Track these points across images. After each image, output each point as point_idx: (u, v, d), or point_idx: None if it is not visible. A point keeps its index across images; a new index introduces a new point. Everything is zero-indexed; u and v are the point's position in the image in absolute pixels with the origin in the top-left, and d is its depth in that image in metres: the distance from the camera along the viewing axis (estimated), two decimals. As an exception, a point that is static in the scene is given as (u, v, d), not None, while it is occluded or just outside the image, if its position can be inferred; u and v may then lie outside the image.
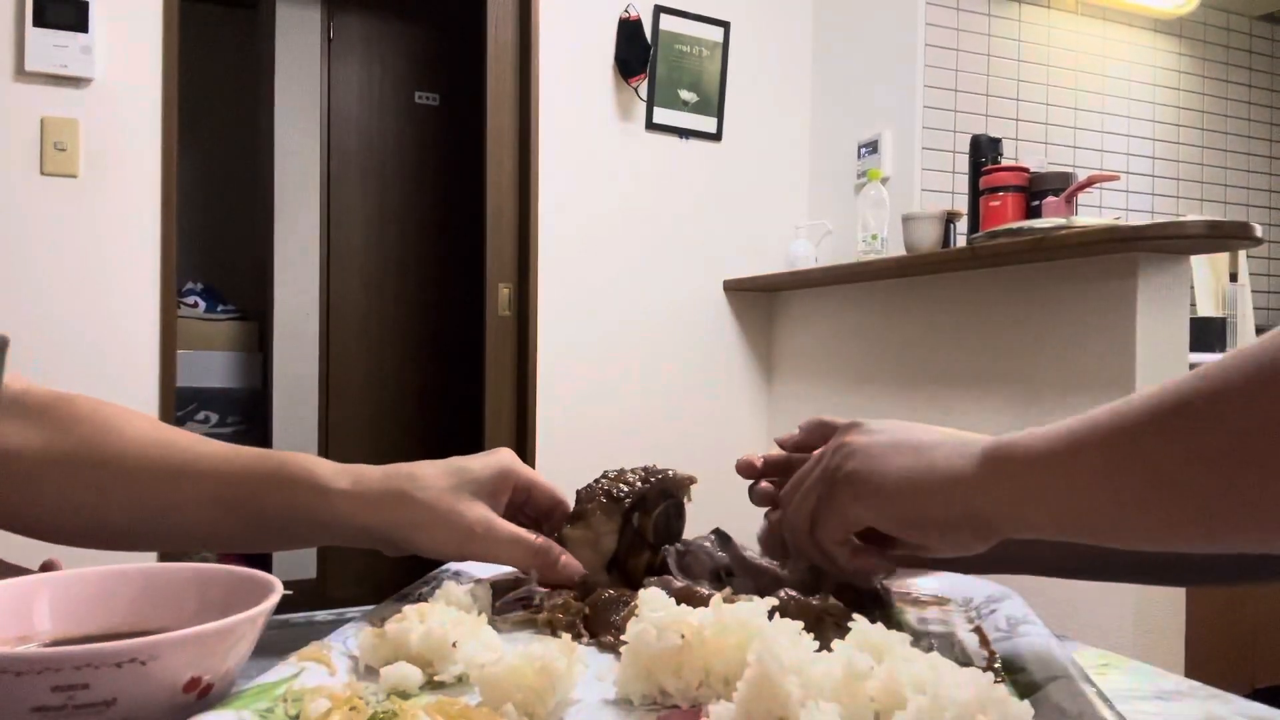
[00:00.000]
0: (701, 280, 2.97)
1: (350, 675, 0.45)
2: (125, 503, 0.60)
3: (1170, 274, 1.84)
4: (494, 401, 2.77)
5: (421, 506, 0.57)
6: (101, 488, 0.60)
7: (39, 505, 0.61)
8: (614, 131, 2.85)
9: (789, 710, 0.36)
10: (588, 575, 0.60)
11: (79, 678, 0.35)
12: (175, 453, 0.61)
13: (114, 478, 0.60)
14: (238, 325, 3.83)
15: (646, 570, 0.60)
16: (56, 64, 2.15)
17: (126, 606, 0.45)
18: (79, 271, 2.21)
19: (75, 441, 0.60)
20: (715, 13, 2.95)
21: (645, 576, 0.60)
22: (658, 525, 0.61)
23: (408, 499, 0.58)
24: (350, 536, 0.59)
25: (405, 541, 0.59)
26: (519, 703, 0.40)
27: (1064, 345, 1.99)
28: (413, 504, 0.57)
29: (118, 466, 0.60)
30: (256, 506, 0.59)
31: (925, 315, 2.39)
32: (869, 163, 2.81)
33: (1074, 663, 0.44)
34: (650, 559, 0.61)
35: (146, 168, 2.27)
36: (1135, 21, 3.12)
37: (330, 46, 3.61)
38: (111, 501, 0.60)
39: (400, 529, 0.58)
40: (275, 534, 0.61)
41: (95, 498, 0.60)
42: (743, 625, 0.43)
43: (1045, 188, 2.31)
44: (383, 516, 0.58)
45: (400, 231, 3.73)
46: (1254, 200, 3.42)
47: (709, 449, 2.91)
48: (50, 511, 0.61)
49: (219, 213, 4.07)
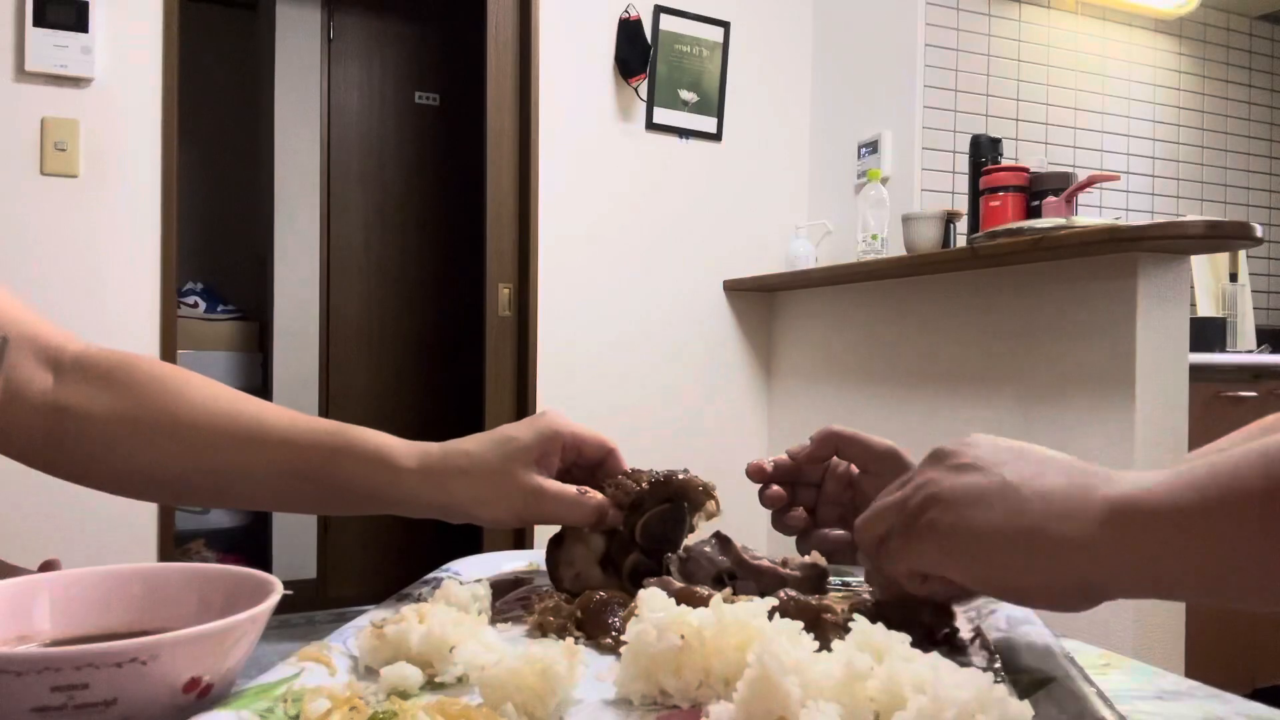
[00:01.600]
0: (701, 280, 2.97)
1: (350, 675, 0.45)
2: (195, 466, 0.63)
3: (1170, 274, 1.84)
4: (494, 401, 2.77)
5: (479, 483, 0.60)
6: (171, 452, 0.63)
7: (108, 465, 0.64)
8: (614, 131, 2.85)
9: (789, 710, 0.36)
10: (581, 570, 0.60)
11: (79, 678, 0.35)
12: (243, 420, 0.63)
13: (183, 443, 0.63)
14: (238, 325, 3.83)
15: (632, 571, 0.60)
16: (56, 64, 2.15)
17: (126, 606, 0.45)
18: (79, 271, 2.21)
19: (141, 405, 0.63)
20: (715, 13, 2.95)
21: (630, 577, 0.60)
22: (649, 528, 0.61)
23: (467, 476, 0.61)
24: (417, 510, 0.62)
25: (469, 516, 0.62)
26: (519, 703, 0.40)
27: (1064, 345, 1.99)
28: (471, 481, 0.61)
29: (187, 431, 0.63)
30: (328, 478, 0.62)
31: (925, 315, 2.39)
32: (869, 163, 2.81)
33: (1074, 663, 0.44)
34: (637, 560, 0.61)
35: (146, 168, 2.27)
36: (1135, 21, 3.12)
37: (330, 46, 3.61)
38: (181, 464, 0.63)
39: (464, 505, 0.61)
40: (343, 504, 0.64)
41: (165, 459, 0.63)
42: (742, 626, 0.43)
43: (1045, 188, 2.31)
44: (449, 495, 0.61)
45: (400, 231, 3.73)
46: (1254, 200, 3.42)
47: (709, 449, 2.91)
48: (120, 472, 0.64)
49: (219, 213, 4.07)
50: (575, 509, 0.61)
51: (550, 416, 0.63)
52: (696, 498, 0.62)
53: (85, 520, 2.16)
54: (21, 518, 2.09)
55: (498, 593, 0.59)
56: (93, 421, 0.62)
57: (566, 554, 0.61)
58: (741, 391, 3.03)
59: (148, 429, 0.63)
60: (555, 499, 0.60)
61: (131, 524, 2.24)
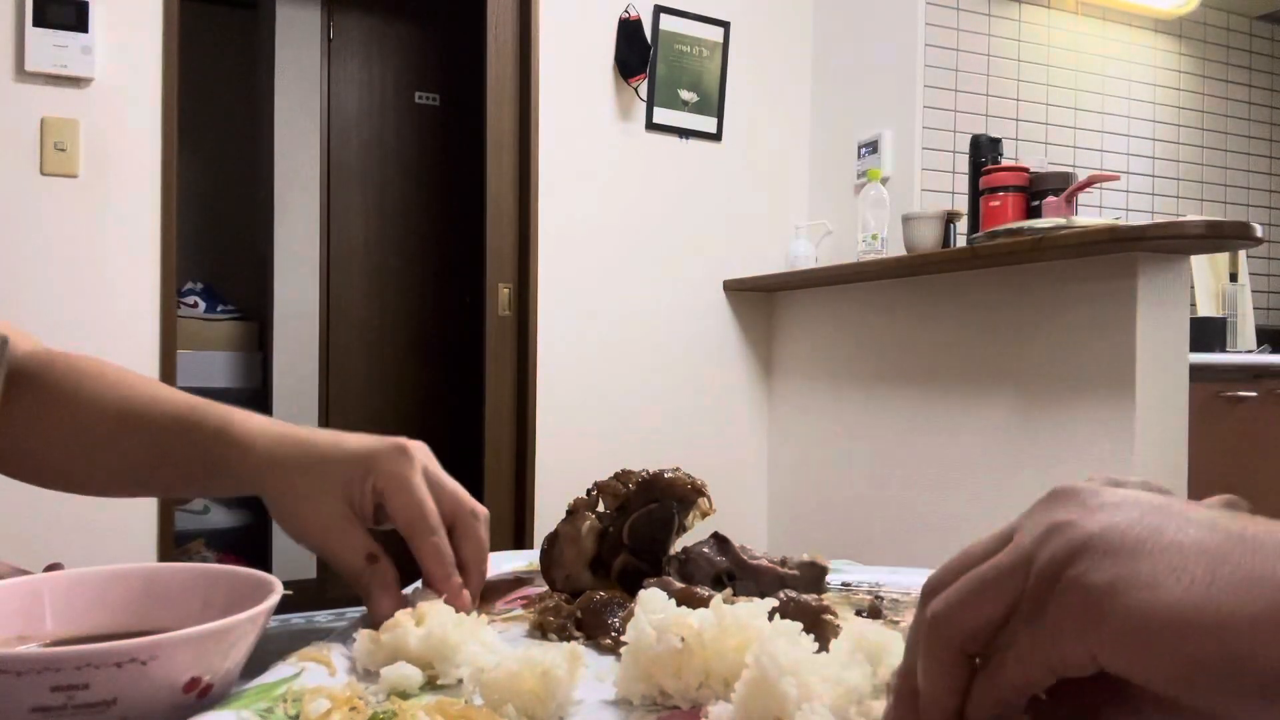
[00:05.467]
0: (701, 280, 2.97)
1: (350, 675, 0.45)
2: (80, 454, 0.61)
3: (1170, 274, 1.84)
4: (494, 401, 2.77)
5: (286, 490, 0.54)
6: (58, 443, 0.61)
7: (16, 463, 0.63)
8: (614, 132, 2.85)
9: (787, 711, 0.36)
10: (571, 572, 0.60)
11: (79, 678, 0.35)
12: (115, 404, 0.60)
13: (69, 433, 0.61)
14: (238, 325, 3.83)
15: (621, 573, 0.60)
16: (56, 64, 2.15)
17: (127, 607, 0.45)
18: (79, 272, 2.21)
19: (43, 407, 0.61)
20: (715, 13, 2.95)
21: (619, 578, 0.60)
22: (636, 529, 0.61)
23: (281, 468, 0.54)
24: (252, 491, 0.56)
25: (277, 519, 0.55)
26: (520, 705, 0.40)
27: (1064, 345, 1.99)
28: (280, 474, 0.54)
29: (72, 424, 0.61)
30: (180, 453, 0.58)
31: (925, 315, 2.39)
32: (869, 163, 2.81)
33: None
34: (626, 561, 0.60)
35: (146, 168, 2.27)
36: (1135, 21, 3.12)
37: (330, 46, 3.61)
38: (64, 454, 0.62)
39: (271, 495, 0.54)
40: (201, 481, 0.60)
41: (53, 451, 0.62)
42: (742, 627, 0.43)
43: (1045, 188, 2.31)
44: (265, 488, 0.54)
45: (400, 231, 3.73)
46: (1254, 200, 3.42)
47: (709, 449, 2.91)
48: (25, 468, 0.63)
49: (219, 213, 4.07)
50: (347, 568, 0.53)
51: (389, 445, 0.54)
52: (685, 496, 0.61)
53: (85, 521, 2.16)
54: (21, 519, 2.09)
55: (498, 592, 0.59)
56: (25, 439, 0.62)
57: (557, 555, 0.61)
58: (741, 391, 3.03)
59: (47, 427, 0.62)
60: (336, 546, 0.53)
61: (131, 524, 2.25)
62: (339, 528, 0.53)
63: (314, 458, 0.54)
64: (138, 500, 2.24)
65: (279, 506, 0.54)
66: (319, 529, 0.53)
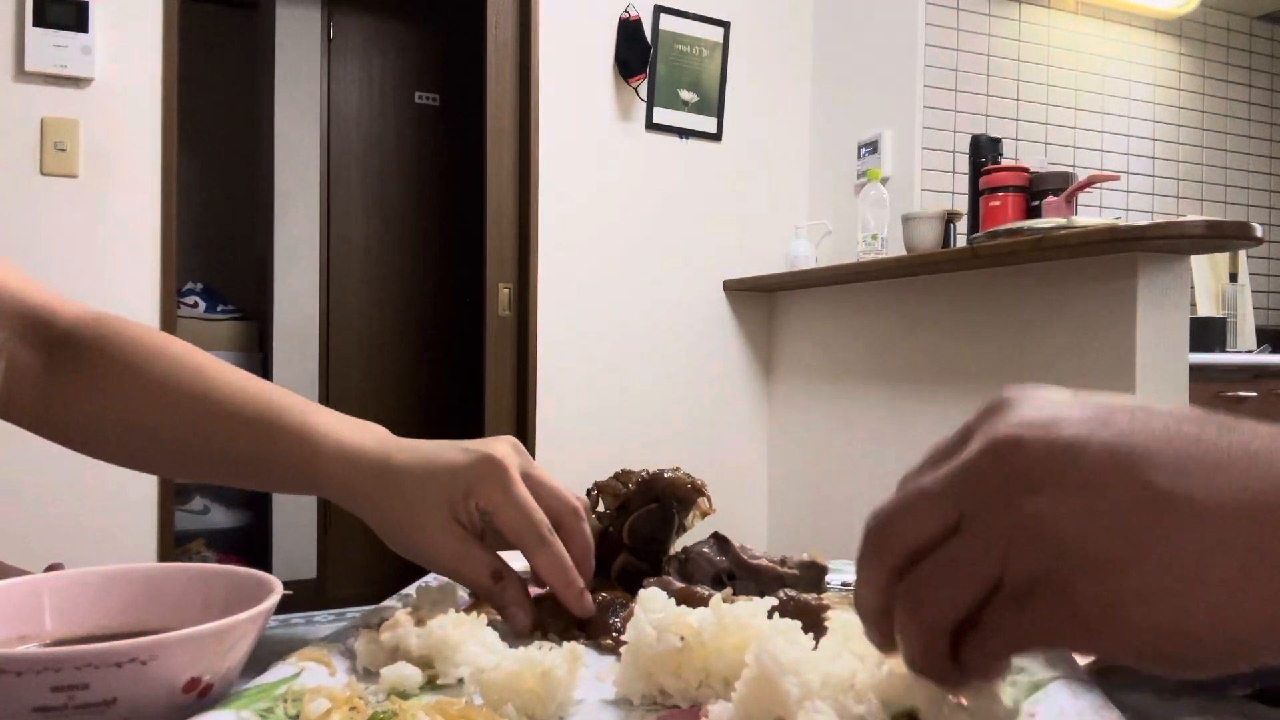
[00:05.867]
0: (701, 280, 2.97)
1: (350, 675, 0.45)
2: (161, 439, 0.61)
3: (1170, 274, 1.84)
4: (494, 401, 2.78)
5: (389, 503, 0.53)
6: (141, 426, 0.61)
7: (94, 444, 0.63)
8: (614, 131, 2.85)
9: (787, 710, 0.36)
10: None
11: (79, 678, 0.35)
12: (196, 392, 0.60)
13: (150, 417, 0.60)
14: (238, 325, 3.83)
15: (620, 573, 0.60)
16: (56, 64, 2.15)
17: (127, 606, 0.45)
18: (79, 271, 2.21)
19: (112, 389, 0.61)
20: (715, 13, 2.95)
21: (619, 579, 0.60)
22: (635, 529, 0.61)
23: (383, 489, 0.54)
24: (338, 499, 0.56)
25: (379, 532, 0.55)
26: (520, 705, 0.40)
27: (1064, 345, 1.99)
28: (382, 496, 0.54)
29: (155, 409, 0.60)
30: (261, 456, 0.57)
31: (925, 315, 2.39)
32: (869, 163, 2.81)
33: (1074, 662, 0.44)
34: (626, 561, 0.61)
35: (146, 168, 2.27)
36: (1135, 21, 3.12)
37: (330, 46, 3.61)
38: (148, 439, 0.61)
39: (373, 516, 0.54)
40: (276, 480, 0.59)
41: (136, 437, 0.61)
42: (742, 626, 0.43)
43: (1045, 188, 2.31)
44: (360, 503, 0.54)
45: (400, 231, 3.73)
46: (1254, 200, 3.43)
47: (709, 449, 2.91)
48: (103, 449, 0.63)
49: (219, 213, 4.07)
50: (472, 583, 0.53)
51: (500, 448, 0.53)
52: (685, 496, 0.61)
53: (85, 521, 2.16)
54: (22, 518, 2.09)
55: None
56: (79, 410, 0.62)
57: None
58: (741, 391, 3.03)
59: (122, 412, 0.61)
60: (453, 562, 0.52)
61: (131, 524, 2.24)
62: (457, 553, 0.52)
63: (411, 479, 0.53)
64: (138, 500, 2.24)
65: (383, 527, 0.54)
66: (437, 552, 0.53)
